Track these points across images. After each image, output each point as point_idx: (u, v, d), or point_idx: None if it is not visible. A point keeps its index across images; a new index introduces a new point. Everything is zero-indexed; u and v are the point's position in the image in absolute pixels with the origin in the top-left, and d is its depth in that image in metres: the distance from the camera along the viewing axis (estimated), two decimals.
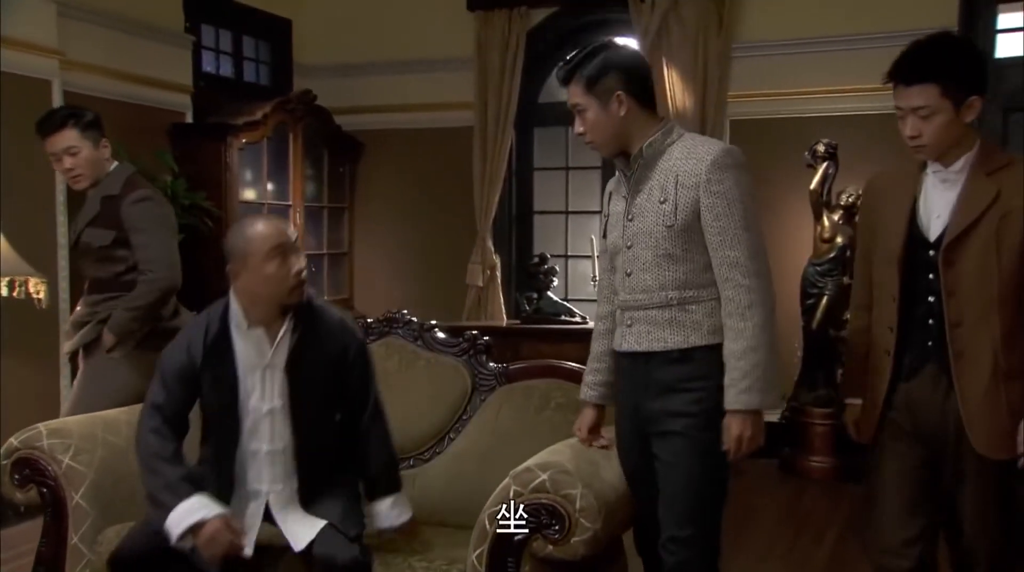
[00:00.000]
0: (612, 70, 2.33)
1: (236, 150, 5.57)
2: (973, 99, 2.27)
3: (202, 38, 6.03)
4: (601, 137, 2.38)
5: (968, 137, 2.33)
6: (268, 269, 2.43)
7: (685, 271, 2.32)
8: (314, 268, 6.36)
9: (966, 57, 2.32)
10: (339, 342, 2.56)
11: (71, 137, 3.34)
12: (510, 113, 6.22)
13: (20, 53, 4.49)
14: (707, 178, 2.28)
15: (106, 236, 3.32)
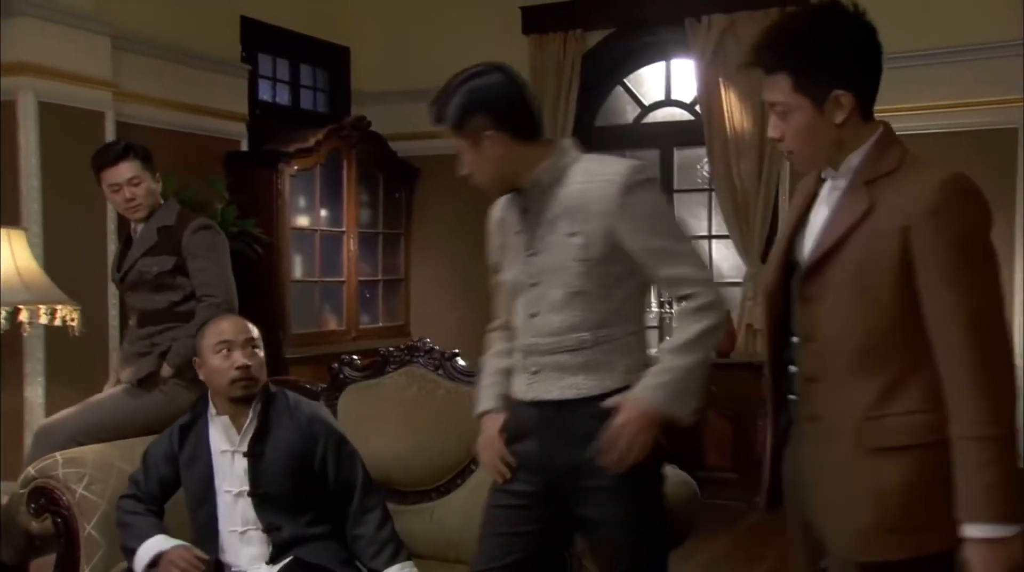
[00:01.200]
0: (476, 111, 2.09)
1: (288, 177, 5.60)
2: (837, 94, 1.73)
3: (259, 67, 6.10)
4: (482, 178, 2.15)
5: (859, 137, 1.77)
6: (213, 361, 2.63)
7: (601, 309, 2.08)
8: (368, 295, 6.36)
9: (825, 39, 1.75)
10: (307, 434, 2.64)
11: (133, 167, 3.37)
12: (565, 136, 6.11)
13: (73, 86, 4.59)
14: (621, 202, 2.03)
15: (165, 262, 3.34)
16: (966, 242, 1.66)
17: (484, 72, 2.13)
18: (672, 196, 6.25)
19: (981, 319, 1.66)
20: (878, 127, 1.78)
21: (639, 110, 6.40)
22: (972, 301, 1.65)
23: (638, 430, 2.02)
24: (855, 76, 1.75)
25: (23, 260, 3.62)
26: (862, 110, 1.76)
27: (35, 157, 4.42)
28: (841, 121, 1.74)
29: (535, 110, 2.18)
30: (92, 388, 4.49)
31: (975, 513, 1.64)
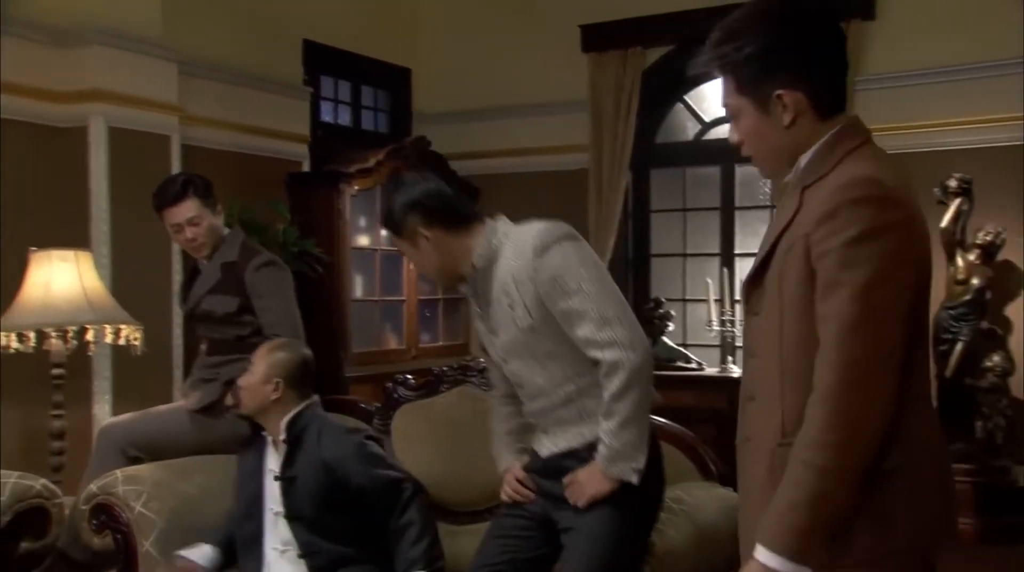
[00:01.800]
0: (406, 213, 2.30)
1: (349, 197, 5.66)
2: (779, 94, 1.61)
3: (321, 89, 6.20)
4: (429, 273, 2.41)
5: (813, 138, 1.63)
6: None
7: (570, 362, 2.23)
8: (428, 313, 6.39)
9: (763, 36, 1.61)
10: (335, 458, 2.66)
11: (193, 207, 3.31)
12: (625, 155, 6.10)
13: (141, 111, 4.71)
14: (534, 268, 2.18)
15: (230, 303, 3.32)
16: (855, 249, 1.51)
17: (409, 179, 2.36)
18: (733, 213, 6.19)
19: (848, 334, 1.50)
20: (834, 126, 1.63)
21: (700, 126, 6.34)
22: (846, 313, 1.50)
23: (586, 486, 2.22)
24: (801, 74, 1.61)
25: (90, 281, 3.72)
26: (817, 109, 1.62)
27: (104, 180, 4.53)
28: (789, 122, 1.62)
29: (461, 200, 2.36)
30: (157, 386, 4.62)
31: (766, 534, 1.51)
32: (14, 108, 4.39)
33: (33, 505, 2.91)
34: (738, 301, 5.70)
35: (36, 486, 2.92)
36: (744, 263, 6.16)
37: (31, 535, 2.94)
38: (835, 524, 1.51)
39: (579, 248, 2.23)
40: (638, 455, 2.16)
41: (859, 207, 1.52)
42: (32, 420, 4.24)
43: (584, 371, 2.22)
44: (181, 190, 3.32)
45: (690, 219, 6.38)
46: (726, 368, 5.75)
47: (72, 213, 4.49)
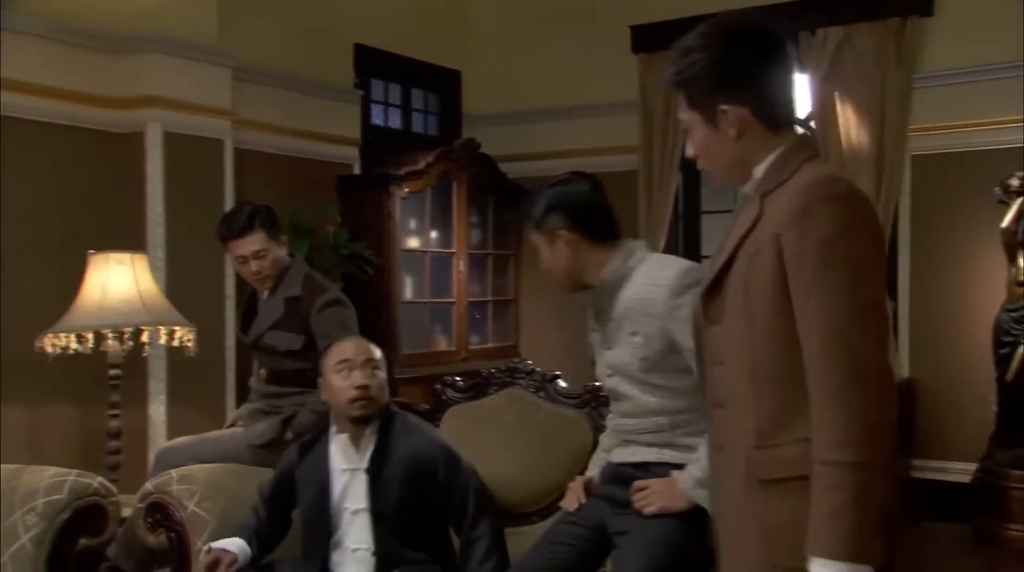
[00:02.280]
0: (555, 211, 2.35)
1: (399, 199, 5.69)
2: (723, 109, 1.66)
3: (371, 92, 6.25)
4: (556, 274, 2.43)
5: (764, 150, 1.68)
6: (334, 380, 2.71)
7: (670, 397, 2.29)
8: (477, 315, 6.40)
9: (708, 54, 1.67)
10: (425, 457, 2.68)
11: (259, 239, 3.26)
12: (676, 155, 6.05)
13: (196, 116, 4.78)
14: (669, 306, 2.22)
15: (295, 341, 3.30)
16: (828, 248, 1.52)
17: (570, 180, 2.40)
18: None
19: (838, 334, 1.50)
20: (787, 140, 1.69)
21: None
22: (834, 311, 1.51)
23: (659, 497, 2.26)
24: (745, 91, 1.66)
25: (145, 283, 3.78)
26: (765, 123, 1.68)
27: (160, 184, 4.61)
28: (736, 136, 1.67)
29: (611, 216, 2.40)
30: (211, 407, 4.69)
31: (817, 546, 1.48)
32: (75, 115, 4.49)
33: (91, 503, 2.95)
34: None
35: (94, 484, 2.97)
36: None
37: (89, 532, 2.99)
38: (880, 518, 1.49)
39: None
40: None
41: (830, 204, 1.55)
42: (90, 420, 4.34)
43: (682, 409, 2.27)
44: (247, 222, 3.27)
45: None
46: None
47: (129, 217, 4.58)
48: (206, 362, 4.38)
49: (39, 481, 2.90)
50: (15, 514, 2.83)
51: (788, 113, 1.73)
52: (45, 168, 4.39)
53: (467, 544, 2.64)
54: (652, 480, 2.27)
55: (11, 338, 3.96)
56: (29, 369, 3.94)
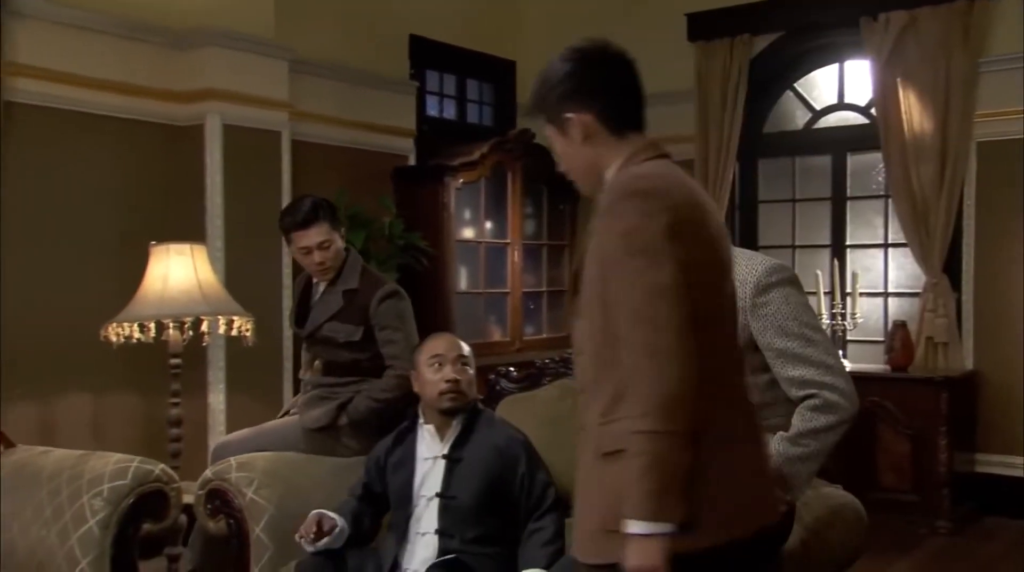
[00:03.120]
0: None
1: (453, 190, 5.71)
2: (568, 117, 1.86)
3: (427, 83, 6.27)
4: None
5: (613, 154, 1.85)
6: (426, 373, 2.81)
7: None
8: (532, 306, 6.40)
9: (553, 71, 1.92)
10: (507, 453, 2.75)
11: (323, 231, 3.30)
12: (732, 145, 5.99)
13: (254, 108, 4.85)
14: (753, 303, 2.21)
15: (354, 332, 3.33)
16: (626, 239, 1.68)
17: None
18: (845, 204, 6.01)
19: (636, 314, 1.66)
20: (634, 143, 1.85)
21: (810, 115, 6.17)
22: (628, 296, 1.67)
23: None
24: (587, 99, 1.85)
25: (204, 274, 3.84)
26: (608, 128, 1.85)
27: (219, 176, 4.68)
28: (582, 139, 1.85)
29: None
30: (269, 395, 4.76)
31: (627, 508, 1.62)
32: (140, 109, 4.58)
33: (153, 489, 3.02)
34: (849, 294, 5.54)
35: (156, 471, 3.03)
36: (856, 254, 5.98)
37: (152, 517, 3.06)
38: (682, 483, 1.63)
39: (800, 293, 2.26)
40: (798, 490, 2.18)
41: (628, 200, 1.72)
42: (152, 408, 4.43)
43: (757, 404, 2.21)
44: (312, 213, 3.31)
45: (800, 210, 6.22)
46: None
47: (189, 208, 4.67)
48: (264, 351, 4.45)
49: (104, 467, 2.98)
50: (83, 498, 2.91)
51: (632, 118, 1.89)
52: (111, 161, 4.49)
53: (531, 533, 2.70)
54: None
55: (79, 327, 4.06)
56: (95, 358, 4.03)
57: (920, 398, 5.15)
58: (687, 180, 1.84)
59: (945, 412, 5.08)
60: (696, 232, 1.74)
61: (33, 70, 4.16)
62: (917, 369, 5.33)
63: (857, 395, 2.19)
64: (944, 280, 5.40)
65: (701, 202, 1.80)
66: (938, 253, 5.38)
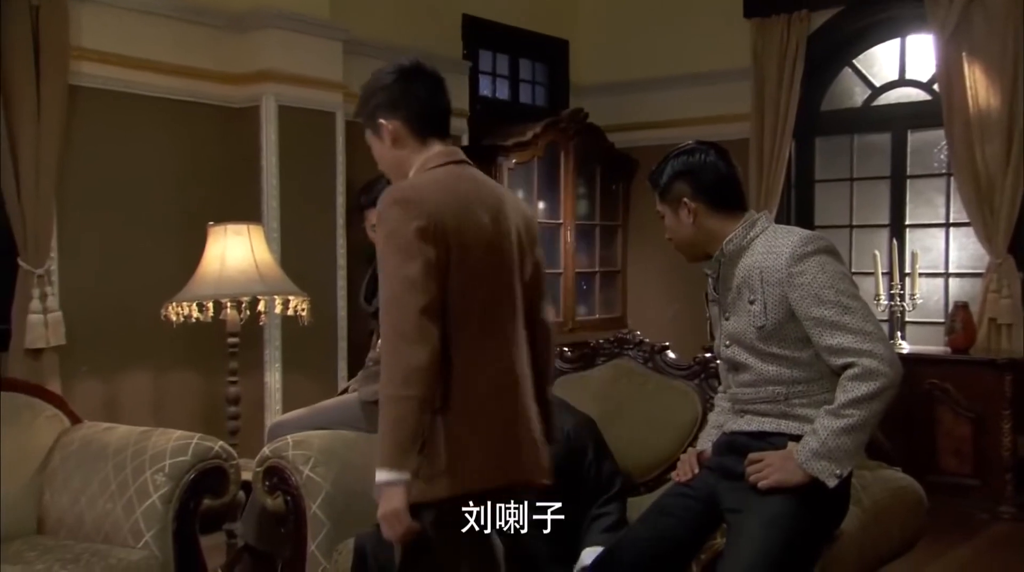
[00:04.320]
0: (678, 177, 2.34)
1: (506, 170, 5.71)
2: (381, 122, 2.19)
3: (480, 63, 6.26)
4: (678, 242, 2.41)
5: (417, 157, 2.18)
6: None
7: (792, 368, 2.23)
8: (585, 286, 6.39)
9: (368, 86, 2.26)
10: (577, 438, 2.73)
11: None
12: (788, 123, 5.90)
13: (309, 89, 4.88)
14: (789, 273, 2.18)
15: None
16: (388, 239, 2.03)
17: (695, 149, 2.38)
18: (904, 182, 5.89)
19: (392, 300, 2.00)
20: (433, 148, 2.17)
21: (869, 92, 6.05)
22: (387, 286, 2.02)
23: (775, 471, 2.18)
24: (395, 108, 2.17)
25: (261, 254, 3.87)
26: (414, 134, 2.17)
27: (274, 157, 4.73)
28: (391, 142, 2.18)
29: (737, 185, 2.37)
30: (324, 375, 4.81)
31: (377, 460, 1.97)
32: (198, 91, 4.64)
33: (213, 465, 3.08)
34: (908, 274, 5.43)
35: (215, 447, 3.09)
36: (915, 234, 5.86)
37: (212, 493, 3.12)
38: (417, 440, 1.97)
39: (838, 261, 2.23)
40: (846, 463, 2.13)
41: (391, 207, 2.04)
42: (210, 386, 4.51)
43: (800, 379, 2.23)
44: None
45: (858, 188, 6.11)
46: (895, 344, 5.50)
47: (246, 189, 4.72)
48: (319, 331, 4.49)
49: (166, 443, 3.04)
50: (146, 473, 2.98)
51: (436, 127, 2.20)
52: (169, 143, 4.56)
53: (595, 517, 2.68)
54: (768, 452, 2.21)
55: (140, 307, 4.14)
56: (156, 337, 4.11)
57: (982, 380, 5.04)
58: (461, 186, 2.13)
59: (1009, 395, 4.97)
60: (452, 234, 2.04)
61: (96, 54, 4.23)
62: (979, 351, 5.21)
63: (899, 361, 2.14)
64: (1009, 260, 5.27)
65: (467, 207, 2.10)
66: (1003, 233, 5.24)
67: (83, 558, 2.82)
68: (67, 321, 4.06)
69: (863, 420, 2.10)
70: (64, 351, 4.06)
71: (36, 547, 2.95)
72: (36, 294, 3.93)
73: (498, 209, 2.15)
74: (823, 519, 2.20)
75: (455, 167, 2.18)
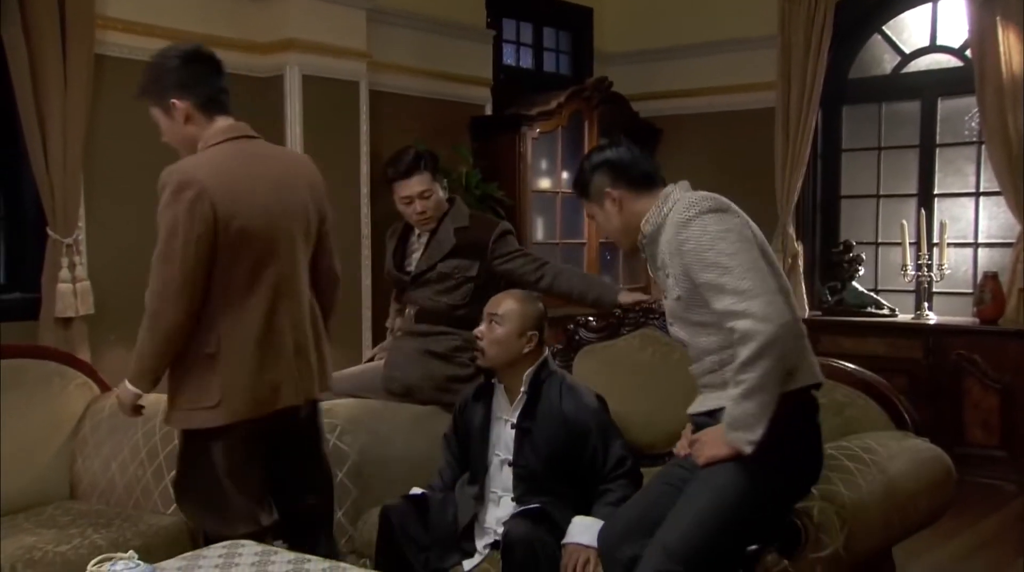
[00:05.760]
0: (596, 171, 2.39)
1: (530, 140, 5.68)
2: (173, 101, 2.52)
3: (503, 32, 6.21)
4: (612, 235, 2.45)
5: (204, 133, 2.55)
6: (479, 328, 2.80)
7: (716, 334, 2.21)
8: (608, 256, 6.37)
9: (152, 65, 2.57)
10: (577, 422, 2.66)
11: (424, 181, 3.37)
12: (815, 91, 5.82)
13: (332, 59, 4.87)
14: (678, 241, 2.19)
15: (470, 267, 3.38)
16: (162, 212, 2.44)
17: (605, 145, 2.48)
18: (934, 151, 5.81)
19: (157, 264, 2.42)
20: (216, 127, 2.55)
21: (899, 59, 5.96)
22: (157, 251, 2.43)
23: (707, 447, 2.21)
24: (184, 88, 2.51)
25: None
26: (203, 113, 2.54)
27: (299, 126, 4.73)
28: (183, 121, 2.53)
29: (650, 163, 2.43)
30: (347, 344, 4.83)
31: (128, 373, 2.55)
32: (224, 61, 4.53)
33: None
34: (936, 244, 5.38)
35: None
36: (944, 204, 5.80)
37: None
38: (161, 370, 2.50)
39: (721, 220, 2.18)
40: (756, 427, 2.09)
41: (166, 189, 2.44)
42: None
43: (726, 345, 2.19)
44: (414, 163, 3.37)
45: (885, 158, 6.03)
46: (921, 314, 5.46)
47: None
48: (343, 301, 4.40)
49: None
50: (175, 440, 3.01)
51: (219, 106, 2.55)
52: None
53: (601, 492, 2.66)
54: (706, 430, 2.24)
55: None
56: None
57: (1011, 352, 5.01)
58: (235, 161, 2.49)
59: None
60: (219, 205, 2.40)
61: (121, 23, 4.23)
62: (1008, 322, 5.16)
63: (784, 309, 2.08)
64: None
65: (237, 179, 2.46)
66: None
67: (115, 523, 2.87)
68: (95, 290, 4.09)
69: (756, 382, 2.06)
70: (93, 320, 4.09)
71: (69, 512, 3.01)
72: (65, 263, 3.97)
73: (279, 178, 2.56)
74: (772, 485, 2.18)
75: (236, 143, 2.54)
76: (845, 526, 2.14)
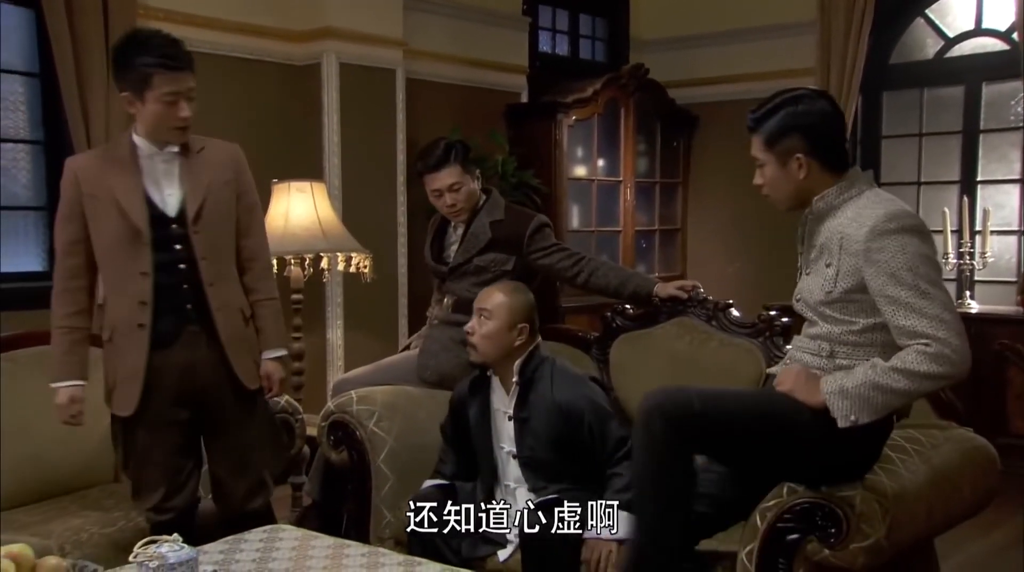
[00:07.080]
0: (794, 131, 2.21)
1: (566, 127, 5.66)
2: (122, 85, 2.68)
3: (539, 19, 6.19)
4: (777, 195, 2.31)
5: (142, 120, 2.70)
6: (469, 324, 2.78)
7: (841, 331, 2.21)
8: (644, 244, 6.34)
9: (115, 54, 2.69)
10: (570, 409, 2.64)
11: (454, 173, 3.30)
12: (855, 77, 5.73)
13: (369, 47, 4.88)
14: (868, 247, 2.11)
15: (506, 262, 3.34)
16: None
17: (809, 97, 2.25)
18: (977, 137, 5.72)
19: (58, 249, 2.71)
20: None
21: (942, 43, 5.86)
22: None
23: (794, 381, 2.21)
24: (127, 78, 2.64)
25: (324, 211, 3.90)
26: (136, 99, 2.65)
27: (336, 114, 4.75)
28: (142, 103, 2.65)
29: (844, 141, 2.30)
30: (385, 332, 4.85)
31: None
32: (261, 49, 4.67)
33: (279, 419, 3.14)
34: (979, 232, 5.29)
35: (281, 401, 3.14)
36: (987, 191, 5.70)
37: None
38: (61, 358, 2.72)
39: (922, 243, 2.13)
40: (864, 416, 2.09)
41: None
42: None
43: (848, 342, 2.20)
44: (443, 156, 3.31)
45: (927, 144, 5.95)
46: (963, 303, 5.38)
47: (308, 147, 4.75)
48: (380, 288, 4.53)
49: None
50: None
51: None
52: (233, 101, 4.59)
53: (608, 478, 2.62)
54: (805, 369, 2.22)
55: None
56: None
57: None
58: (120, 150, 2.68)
59: None
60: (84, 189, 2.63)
61: (162, 12, 4.27)
62: None
63: (970, 359, 2.06)
64: None
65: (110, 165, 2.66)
66: None
67: None
68: None
69: (904, 392, 2.07)
70: None
71: (113, 495, 3.05)
72: None
73: None
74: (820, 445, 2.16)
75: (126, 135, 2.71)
76: (888, 516, 2.11)
